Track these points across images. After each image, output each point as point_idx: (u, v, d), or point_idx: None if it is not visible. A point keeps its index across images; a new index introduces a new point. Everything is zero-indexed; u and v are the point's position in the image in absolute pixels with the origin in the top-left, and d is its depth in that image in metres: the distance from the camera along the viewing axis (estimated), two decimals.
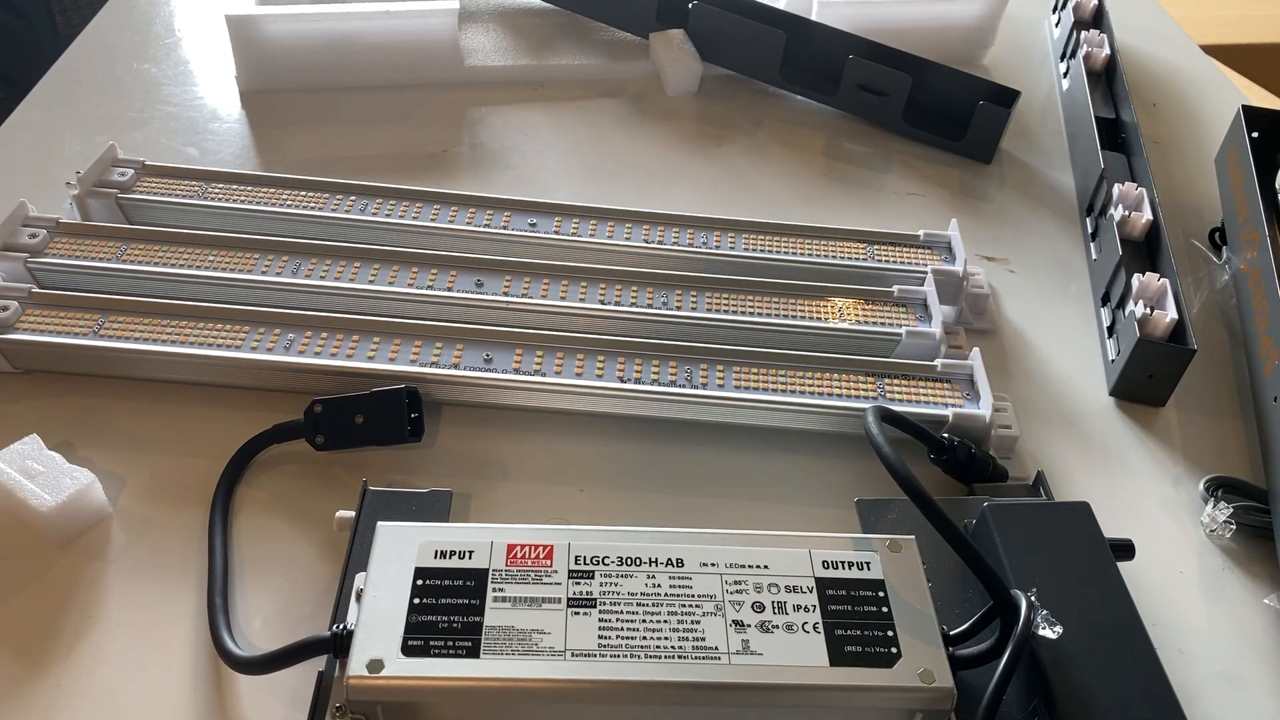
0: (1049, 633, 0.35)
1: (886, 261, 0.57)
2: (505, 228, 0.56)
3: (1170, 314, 0.51)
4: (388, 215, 0.57)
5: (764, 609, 0.36)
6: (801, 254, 0.57)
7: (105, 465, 0.44)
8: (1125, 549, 0.42)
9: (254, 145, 0.66)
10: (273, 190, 0.58)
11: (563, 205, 0.58)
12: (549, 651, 0.34)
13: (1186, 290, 0.60)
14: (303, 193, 0.58)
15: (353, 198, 0.58)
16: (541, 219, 0.57)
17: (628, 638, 0.35)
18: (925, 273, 0.55)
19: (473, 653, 0.34)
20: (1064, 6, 0.83)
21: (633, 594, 0.36)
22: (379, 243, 0.55)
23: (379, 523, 0.38)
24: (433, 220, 0.57)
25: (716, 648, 0.35)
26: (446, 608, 0.35)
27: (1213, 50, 0.86)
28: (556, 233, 0.56)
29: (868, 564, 0.38)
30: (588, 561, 0.37)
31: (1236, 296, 0.59)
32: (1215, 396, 0.54)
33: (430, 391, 0.47)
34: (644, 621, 0.35)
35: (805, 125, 0.72)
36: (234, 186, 0.58)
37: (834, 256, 0.57)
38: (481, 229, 0.56)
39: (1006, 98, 0.69)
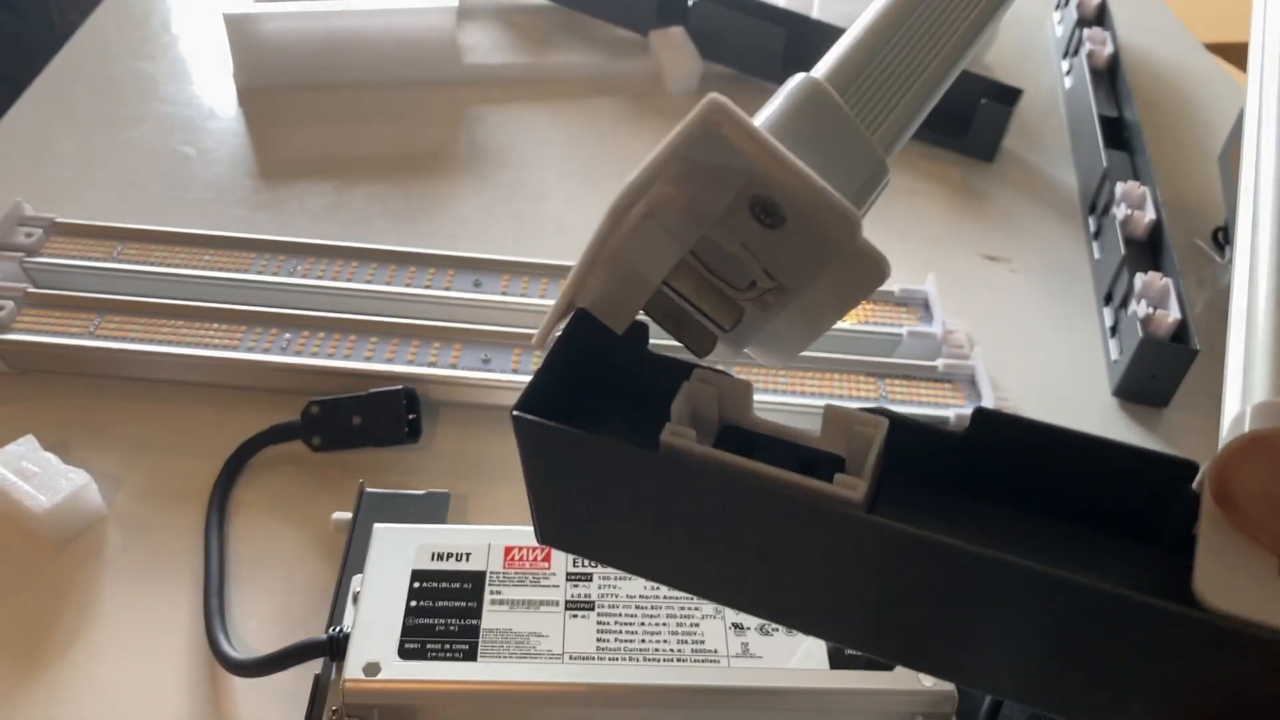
0: None
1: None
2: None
3: (1173, 314, 0.50)
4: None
5: None
6: None
7: (101, 466, 0.44)
8: None
9: (251, 144, 0.66)
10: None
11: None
12: (547, 655, 0.34)
13: (1189, 290, 0.60)
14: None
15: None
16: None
17: (626, 641, 0.35)
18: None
19: (470, 656, 0.34)
20: (1066, 4, 0.82)
21: (631, 596, 0.36)
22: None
23: (375, 524, 0.38)
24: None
25: (716, 650, 0.34)
26: (443, 610, 0.35)
27: (1216, 48, 0.85)
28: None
29: None
30: (586, 564, 0.37)
31: None
32: (1218, 397, 0.53)
33: (428, 392, 0.47)
34: (642, 624, 0.35)
35: None
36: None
37: None
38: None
39: (1009, 96, 0.69)
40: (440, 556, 0.37)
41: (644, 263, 0.22)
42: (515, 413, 0.22)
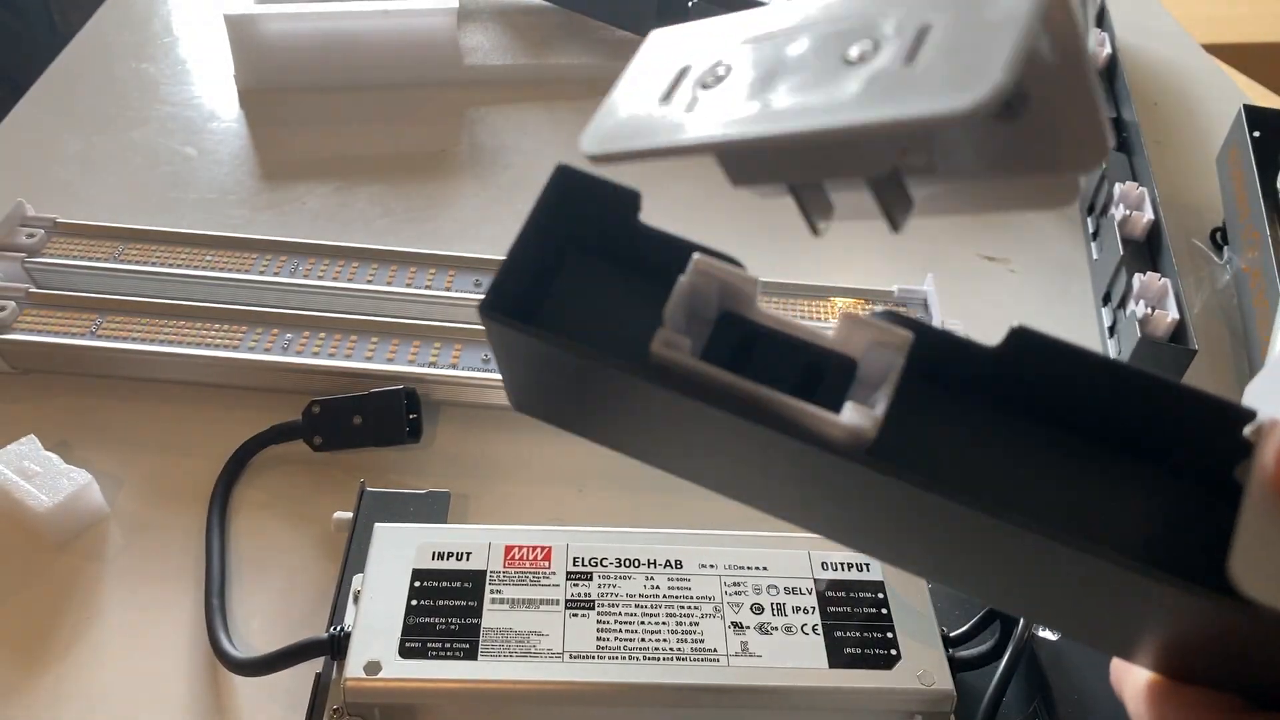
0: (1049, 634, 0.35)
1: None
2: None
3: (1171, 314, 0.50)
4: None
5: (763, 610, 0.36)
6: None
7: (103, 466, 0.44)
8: None
9: (252, 144, 0.66)
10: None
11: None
12: (547, 653, 0.34)
13: (1188, 290, 0.60)
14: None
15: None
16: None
17: (626, 639, 0.35)
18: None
19: (470, 655, 0.34)
20: None
21: (631, 595, 0.36)
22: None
23: (376, 524, 0.38)
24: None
25: (715, 649, 0.35)
26: (444, 609, 0.35)
27: (1214, 49, 0.85)
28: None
29: (867, 565, 0.37)
30: (586, 563, 0.37)
31: (1238, 297, 0.59)
32: None
33: (428, 392, 0.47)
34: (642, 623, 0.35)
35: None
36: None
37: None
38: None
39: None
40: (441, 556, 0.37)
41: (874, 141, 0.18)
42: (483, 313, 0.19)
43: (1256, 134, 0.61)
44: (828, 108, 0.16)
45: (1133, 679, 0.22)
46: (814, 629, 0.35)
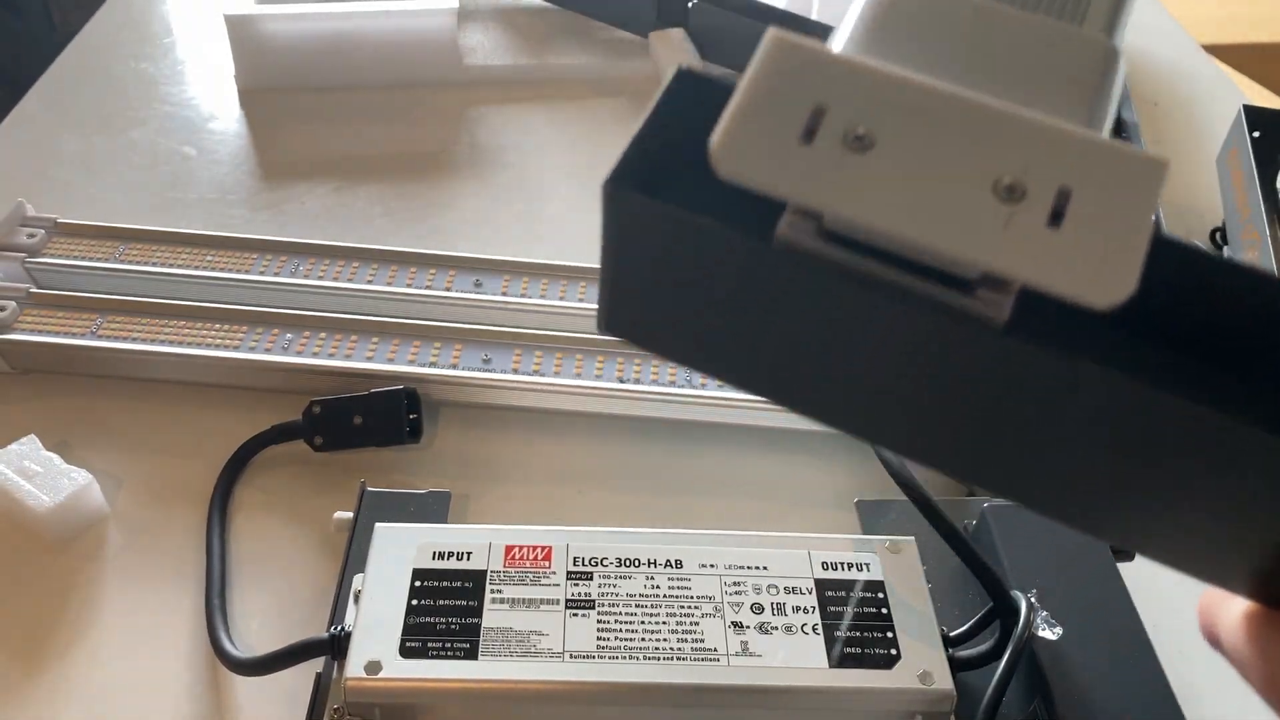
0: (1049, 634, 0.35)
1: None
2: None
3: None
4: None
5: (763, 610, 0.36)
6: None
7: (103, 466, 0.44)
8: (1125, 550, 0.42)
9: (252, 144, 0.66)
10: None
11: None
12: (547, 653, 0.34)
13: None
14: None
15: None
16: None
17: (626, 639, 0.35)
18: None
19: (471, 654, 0.34)
20: None
21: (631, 595, 0.36)
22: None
23: (377, 524, 0.38)
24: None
25: (715, 649, 0.35)
26: (444, 609, 0.35)
27: (1214, 49, 0.85)
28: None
29: (867, 565, 0.37)
30: (586, 563, 0.37)
31: None
32: None
33: (429, 392, 0.47)
34: (643, 623, 0.35)
35: None
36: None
37: None
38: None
39: None
40: (441, 555, 0.37)
41: None
42: (611, 185, 0.19)
43: (1256, 134, 0.61)
44: (971, 233, 0.17)
45: (1227, 612, 0.22)
46: (814, 629, 0.35)
